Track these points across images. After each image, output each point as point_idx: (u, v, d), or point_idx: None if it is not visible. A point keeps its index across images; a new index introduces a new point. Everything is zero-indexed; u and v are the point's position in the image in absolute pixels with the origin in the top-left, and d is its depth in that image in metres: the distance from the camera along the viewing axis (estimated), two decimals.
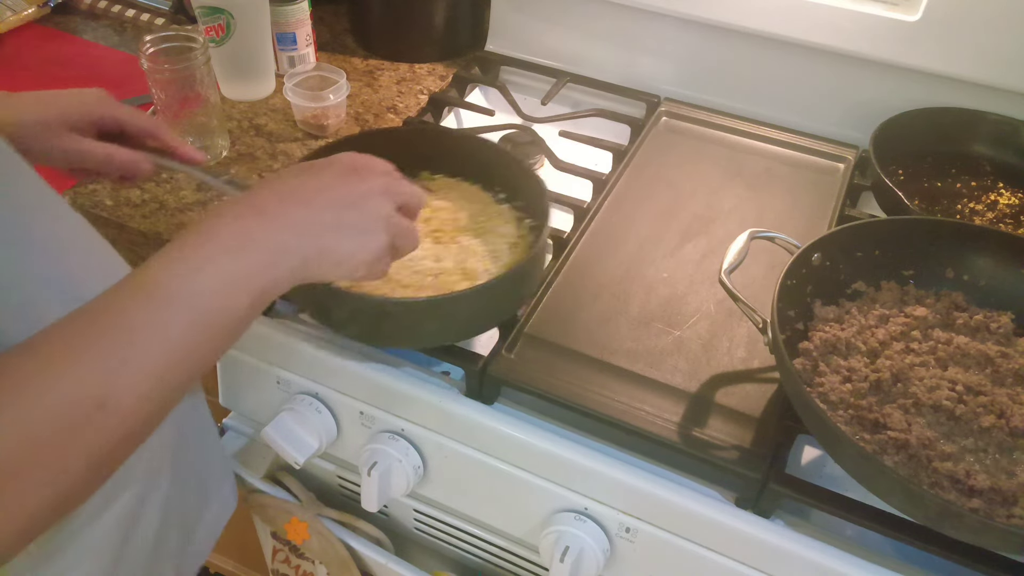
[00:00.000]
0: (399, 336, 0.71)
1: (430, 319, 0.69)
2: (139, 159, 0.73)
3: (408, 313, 0.68)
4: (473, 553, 0.84)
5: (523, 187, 0.81)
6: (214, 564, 1.39)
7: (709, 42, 1.05)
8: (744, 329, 0.76)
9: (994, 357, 0.68)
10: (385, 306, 0.68)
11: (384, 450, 0.75)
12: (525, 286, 0.75)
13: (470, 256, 0.77)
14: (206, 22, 1.00)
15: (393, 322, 0.69)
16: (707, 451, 0.66)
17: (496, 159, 0.84)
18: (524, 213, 0.82)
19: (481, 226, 0.81)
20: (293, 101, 1.00)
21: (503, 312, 0.74)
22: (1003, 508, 0.59)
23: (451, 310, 0.69)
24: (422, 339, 0.72)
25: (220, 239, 0.49)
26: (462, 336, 0.75)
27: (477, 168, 0.85)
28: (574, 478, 0.70)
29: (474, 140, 0.87)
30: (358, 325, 0.71)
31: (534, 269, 0.75)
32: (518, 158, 0.82)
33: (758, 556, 0.66)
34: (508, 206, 0.83)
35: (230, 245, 0.49)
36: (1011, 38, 0.90)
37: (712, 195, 0.92)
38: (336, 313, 0.71)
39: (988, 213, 0.91)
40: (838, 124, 1.02)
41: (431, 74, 1.16)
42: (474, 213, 0.82)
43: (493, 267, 0.76)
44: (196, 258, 0.47)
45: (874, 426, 0.64)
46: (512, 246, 0.79)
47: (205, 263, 0.47)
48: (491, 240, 0.79)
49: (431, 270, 0.74)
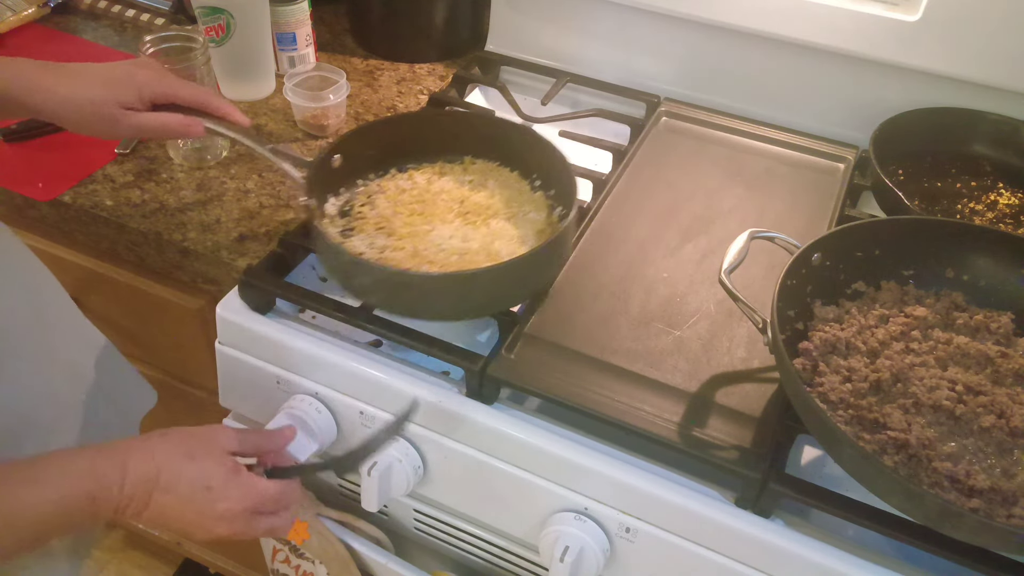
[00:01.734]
0: (417, 307, 0.74)
1: (447, 293, 0.72)
2: (192, 123, 0.79)
3: (425, 285, 0.71)
4: (473, 553, 0.84)
5: (557, 175, 0.83)
6: (214, 564, 1.39)
7: (709, 42, 1.05)
8: (744, 329, 0.76)
9: (994, 357, 0.68)
10: (404, 277, 0.71)
11: (384, 450, 0.75)
12: (543, 269, 0.77)
13: (498, 239, 0.79)
14: (206, 22, 1.00)
15: (412, 293, 0.72)
16: (707, 451, 0.66)
17: (534, 146, 0.86)
18: (556, 201, 0.84)
19: (513, 211, 0.83)
20: (293, 101, 1.00)
21: (519, 294, 0.77)
22: (1003, 508, 0.59)
23: (468, 286, 0.71)
24: (440, 312, 0.74)
25: (63, 496, 0.57)
26: (479, 313, 0.77)
27: (517, 155, 0.88)
28: (574, 478, 0.70)
29: (515, 127, 0.90)
30: (380, 293, 0.73)
31: (553, 253, 0.77)
32: (552, 145, 0.84)
33: (758, 556, 0.66)
34: (542, 194, 0.85)
35: (69, 504, 0.57)
36: (1011, 38, 0.90)
37: (712, 195, 0.92)
38: (359, 280, 0.73)
39: (988, 213, 0.91)
40: (838, 124, 1.02)
41: (431, 74, 1.16)
42: (508, 198, 0.84)
43: (518, 251, 0.78)
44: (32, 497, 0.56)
45: (874, 426, 0.64)
46: (540, 232, 0.81)
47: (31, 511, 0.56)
48: (521, 225, 0.81)
49: (457, 249, 0.77)
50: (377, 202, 0.84)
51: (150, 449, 0.61)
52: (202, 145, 0.97)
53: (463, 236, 0.79)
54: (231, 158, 0.99)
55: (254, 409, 0.86)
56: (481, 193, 0.85)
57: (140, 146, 0.99)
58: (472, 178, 0.87)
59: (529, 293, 0.78)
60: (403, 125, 0.89)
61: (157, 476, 0.60)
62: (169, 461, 0.61)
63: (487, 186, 0.86)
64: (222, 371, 0.85)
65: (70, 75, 0.75)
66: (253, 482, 0.64)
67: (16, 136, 0.99)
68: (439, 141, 0.89)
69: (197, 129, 0.80)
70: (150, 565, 1.57)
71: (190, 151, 0.97)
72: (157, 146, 0.99)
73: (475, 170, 0.88)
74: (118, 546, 1.59)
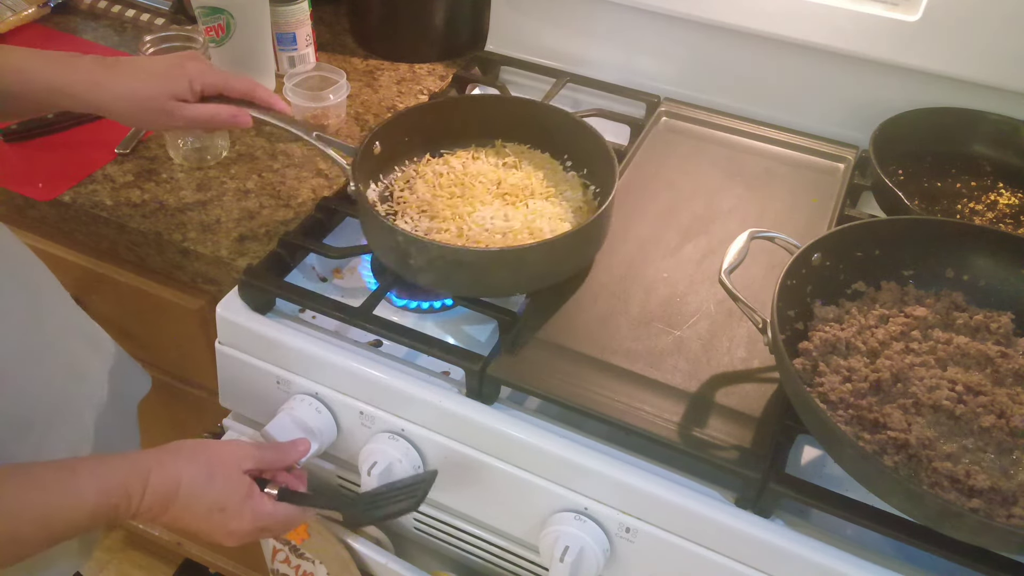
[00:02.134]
0: (471, 283, 0.77)
1: (501, 269, 0.75)
2: (239, 113, 0.82)
3: (480, 262, 0.74)
4: (473, 553, 0.84)
5: (591, 155, 0.87)
6: (214, 564, 1.39)
7: (709, 42, 1.05)
8: (744, 329, 0.76)
9: (994, 357, 0.68)
10: (460, 254, 0.74)
11: (384, 450, 0.75)
12: (588, 245, 0.81)
13: (538, 217, 0.82)
14: (206, 22, 1.00)
15: (466, 270, 0.75)
16: (707, 451, 0.66)
17: (568, 129, 0.89)
18: (590, 180, 0.89)
19: (550, 191, 0.87)
20: (293, 101, 1.00)
21: (566, 268, 0.79)
22: (1003, 508, 0.59)
23: (518, 262, 0.75)
24: (491, 288, 0.78)
25: (83, 502, 0.60)
26: (526, 288, 0.79)
27: (547, 137, 0.92)
28: (574, 478, 0.70)
29: (547, 109, 0.93)
30: (434, 272, 0.75)
31: (597, 231, 0.80)
32: (586, 124, 0.88)
33: (758, 556, 0.66)
34: (574, 173, 0.90)
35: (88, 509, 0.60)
36: (1011, 38, 0.90)
37: (712, 195, 0.92)
38: (416, 260, 0.75)
39: (988, 213, 0.91)
40: (838, 124, 1.02)
41: (431, 74, 1.16)
42: (543, 179, 0.88)
43: (559, 228, 0.82)
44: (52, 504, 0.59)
45: (874, 426, 0.64)
46: (577, 210, 0.85)
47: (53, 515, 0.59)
48: (559, 204, 0.85)
49: (500, 228, 0.81)
50: (416, 186, 0.87)
51: (175, 468, 0.64)
52: (202, 145, 0.97)
53: (504, 216, 0.82)
54: (231, 158, 0.99)
55: (254, 409, 0.86)
56: (517, 174, 0.88)
57: (140, 146, 0.99)
58: (506, 160, 0.90)
59: (574, 268, 0.80)
60: (436, 111, 0.92)
61: (176, 493, 0.63)
62: (191, 481, 0.63)
63: (521, 167, 0.90)
64: (222, 371, 0.85)
65: (125, 71, 0.78)
66: (264, 506, 0.67)
67: (16, 136, 0.99)
68: (470, 125, 0.92)
69: (245, 119, 0.83)
70: (150, 565, 1.57)
71: (190, 151, 0.97)
72: (157, 146, 0.99)
73: (508, 152, 0.92)
74: (118, 546, 1.59)
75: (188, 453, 0.65)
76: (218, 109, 0.81)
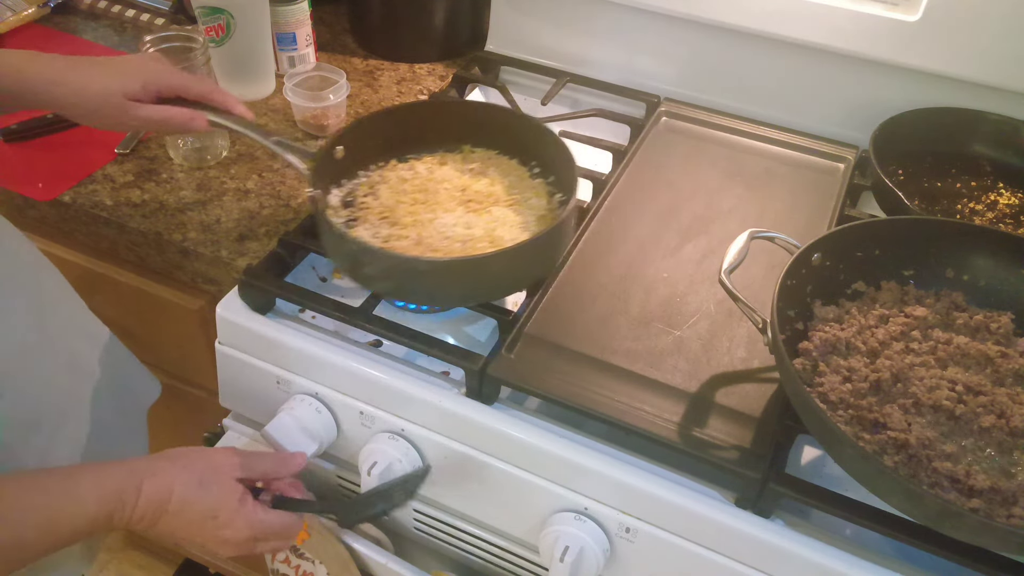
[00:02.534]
0: (425, 293, 0.75)
1: (455, 279, 0.73)
2: (195, 116, 0.80)
3: (435, 272, 0.72)
4: (473, 553, 0.84)
5: (556, 162, 0.84)
6: (214, 564, 1.39)
7: (709, 42, 1.05)
8: (744, 329, 0.76)
9: (994, 357, 0.68)
10: (413, 263, 0.72)
11: (384, 450, 0.75)
12: (547, 254, 0.78)
13: (500, 225, 0.80)
14: (206, 22, 1.00)
15: (422, 280, 0.73)
16: (707, 451, 0.66)
17: (533, 134, 0.87)
18: (556, 188, 0.85)
19: (514, 198, 0.84)
20: (293, 101, 1.00)
21: (525, 278, 0.78)
22: (1003, 508, 0.59)
23: (475, 272, 0.73)
24: (448, 298, 0.76)
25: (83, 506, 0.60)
26: (485, 297, 0.78)
27: (515, 143, 0.89)
28: (574, 478, 0.70)
29: (513, 115, 0.91)
30: (390, 281, 0.74)
31: (556, 239, 0.78)
32: (550, 131, 0.86)
33: (758, 556, 0.66)
34: (542, 180, 0.87)
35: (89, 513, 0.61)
36: (1011, 38, 0.90)
37: (712, 195, 0.92)
38: (368, 269, 0.74)
39: (988, 213, 0.91)
40: (838, 124, 1.02)
41: (431, 74, 1.16)
42: (508, 186, 0.85)
43: (520, 237, 0.79)
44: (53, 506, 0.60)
45: (874, 426, 0.64)
46: (540, 218, 0.82)
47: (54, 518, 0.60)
48: (522, 211, 0.82)
49: (461, 236, 0.78)
50: (380, 192, 0.85)
51: (169, 476, 0.64)
52: (202, 145, 0.97)
53: (466, 223, 0.80)
54: (231, 158, 0.99)
55: (254, 409, 0.86)
56: (482, 181, 0.86)
57: (140, 146, 1.00)
58: (473, 166, 0.88)
59: (533, 278, 0.79)
60: (402, 116, 0.90)
61: (168, 500, 0.63)
62: (183, 489, 0.64)
63: (488, 174, 0.87)
64: (222, 371, 0.85)
65: (81, 68, 0.77)
66: (257, 514, 0.67)
67: (16, 136, 0.99)
68: (438, 131, 0.90)
69: (200, 122, 0.81)
70: (150, 565, 1.57)
71: (190, 151, 0.97)
72: (157, 146, 0.99)
73: (475, 158, 0.89)
74: (118, 546, 1.59)
75: (183, 461, 0.65)
76: (173, 111, 0.80)
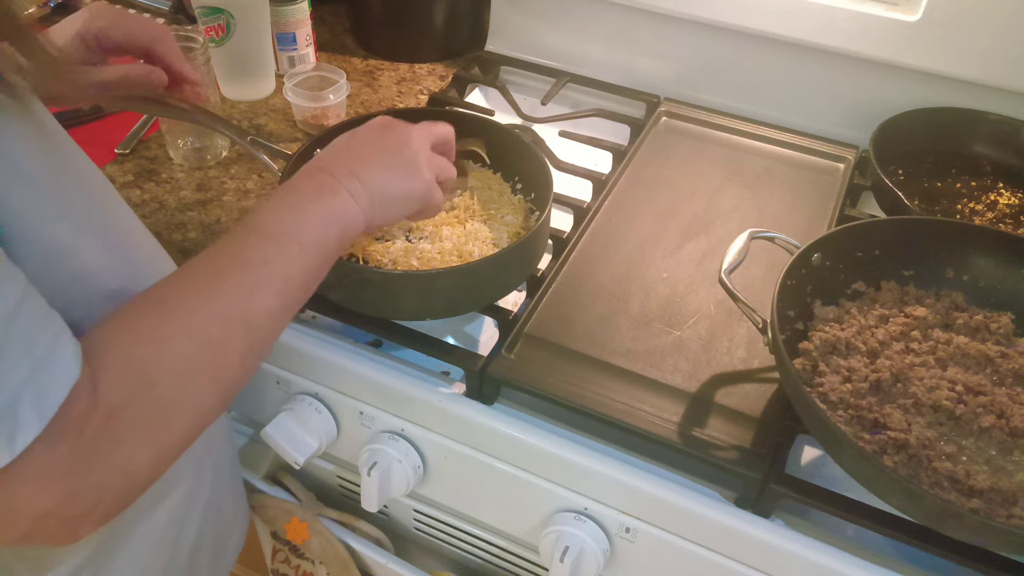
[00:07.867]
0: (379, 304, 0.74)
1: (409, 292, 0.72)
2: (153, 71, 0.75)
3: (386, 283, 0.71)
4: (473, 553, 0.85)
5: (538, 182, 0.83)
6: None
7: (709, 42, 1.05)
8: (744, 329, 0.76)
9: (994, 357, 0.68)
10: (364, 273, 0.72)
11: (384, 450, 0.75)
12: (507, 274, 0.76)
13: (471, 240, 0.78)
14: (206, 22, 1.00)
15: (374, 290, 0.72)
16: (707, 451, 0.66)
17: (519, 152, 0.85)
18: (535, 206, 0.84)
19: (490, 214, 0.83)
20: (293, 101, 1.00)
21: (484, 296, 0.76)
22: (1003, 508, 0.59)
23: (427, 286, 0.71)
24: (403, 311, 0.74)
25: (302, 192, 0.58)
26: (442, 314, 0.76)
27: (501, 158, 0.88)
28: (574, 478, 0.70)
29: (501, 130, 0.88)
30: (344, 289, 0.73)
31: (517, 259, 0.75)
32: (535, 149, 0.84)
33: (758, 556, 0.66)
34: (522, 197, 0.85)
35: (311, 195, 0.58)
36: (1011, 38, 0.90)
37: (712, 195, 0.92)
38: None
39: (988, 213, 0.91)
40: (838, 124, 1.02)
41: (431, 74, 1.16)
42: (488, 200, 0.84)
43: (488, 252, 0.77)
44: (288, 205, 0.56)
45: (874, 426, 0.64)
46: (514, 235, 0.80)
47: (297, 208, 0.56)
48: (496, 228, 0.81)
49: (429, 248, 0.77)
50: None
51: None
52: (202, 145, 0.97)
53: (440, 235, 0.79)
54: (231, 158, 0.99)
55: (254, 409, 0.86)
56: (463, 193, 0.84)
57: (140, 146, 0.99)
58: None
59: (494, 295, 0.77)
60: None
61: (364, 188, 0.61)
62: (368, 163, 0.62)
63: (469, 186, 0.85)
64: None
65: None
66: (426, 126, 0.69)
67: None
68: None
69: (158, 76, 0.75)
70: None
71: (190, 151, 0.97)
72: (157, 146, 0.99)
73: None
74: None
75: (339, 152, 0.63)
76: (129, 67, 0.73)
